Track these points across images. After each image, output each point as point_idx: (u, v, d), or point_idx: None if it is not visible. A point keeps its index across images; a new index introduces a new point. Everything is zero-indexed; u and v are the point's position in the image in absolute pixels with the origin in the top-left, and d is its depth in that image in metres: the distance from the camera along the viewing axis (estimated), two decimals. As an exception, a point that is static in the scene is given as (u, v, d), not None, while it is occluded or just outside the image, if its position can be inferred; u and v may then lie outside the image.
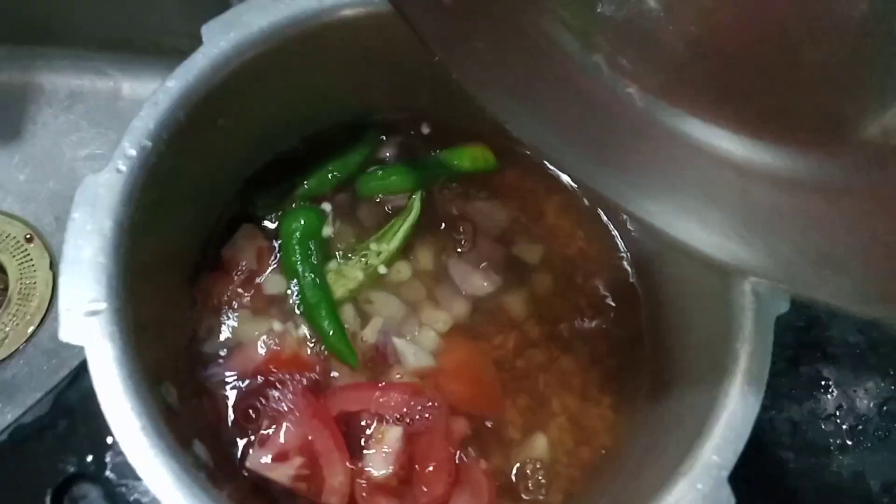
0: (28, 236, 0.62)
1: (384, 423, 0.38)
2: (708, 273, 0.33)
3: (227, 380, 0.38)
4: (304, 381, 0.38)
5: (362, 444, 0.38)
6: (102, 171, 0.29)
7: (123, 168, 0.29)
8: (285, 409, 0.37)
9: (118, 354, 0.27)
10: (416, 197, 0.44)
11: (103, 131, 0.67)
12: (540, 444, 0.40)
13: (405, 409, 0.39)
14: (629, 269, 0.45)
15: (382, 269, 0.42)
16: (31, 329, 0.59)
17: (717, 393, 0.30)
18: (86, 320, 0.27)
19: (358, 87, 0.41)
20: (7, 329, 0.59)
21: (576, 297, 0.45)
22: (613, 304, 0.44)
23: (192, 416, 0.35)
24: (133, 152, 0.29)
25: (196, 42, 0.67)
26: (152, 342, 0.31)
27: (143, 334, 0.30)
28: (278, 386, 0.38)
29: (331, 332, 0.40)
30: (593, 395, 0.43)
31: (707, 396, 0.30)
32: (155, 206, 0.31)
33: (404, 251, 0.43)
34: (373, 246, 0.43)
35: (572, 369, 0.43)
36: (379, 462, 0.37)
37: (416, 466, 0.38)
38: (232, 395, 0.38)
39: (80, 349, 0.27)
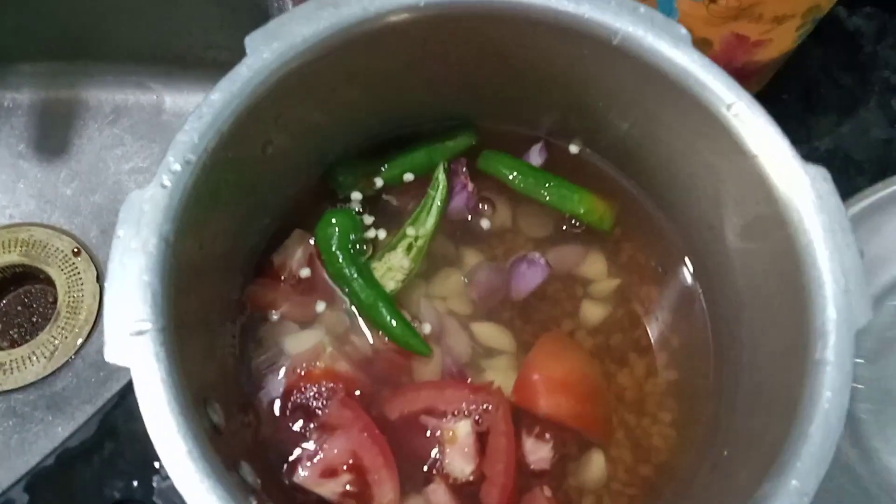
0: (75, 250, 0.63)
1: (450, 421, 0.37)
2: (783, 283, 0.31)
3: (274, 394, 0.37)
4: (357, 393, 0.37)
5: (435, 454, 0.37)
6: (147, 186, 0.28)
7: (168, 183, 0.28)
8: (333, 423, 0.36)
9: (164, 375, 0.26)
10: (440, 170, 0.43)
11: (147, 144, 0.68)
12: (597, 462, 0.39)
13: (468, 404, 0.37)
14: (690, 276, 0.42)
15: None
16: (79, 341, 0.60)
17: (795, 413, 0.28)
18: (131, 340, 0.26)
19: (404, 95, 0.40)
20: (56, 342, 0.60)
21: (632, 305, 0.43)
22: (672, 315, 0.42)
23: (237, 435, 0.34)
24: (178, 167, 0.29)
25: (238, 54, 0.67)
26: (198, 358, 0.31)
27: (189, 351, 0.29)
28: (326, 399, 0.37)
29: (395, 326, 0.39)
30: (652, 410, 0.41)
31: (783, 416, 0.28)
32: (201, 219, 0.30)
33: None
34: (409, 231, 0.42)
35: (629, 383, 0.41)
36: (461, 460, 0.36)
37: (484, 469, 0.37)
38: (278, 409, 0.37)
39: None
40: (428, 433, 0.37)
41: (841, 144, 0.55)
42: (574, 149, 0.45)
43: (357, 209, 0.43)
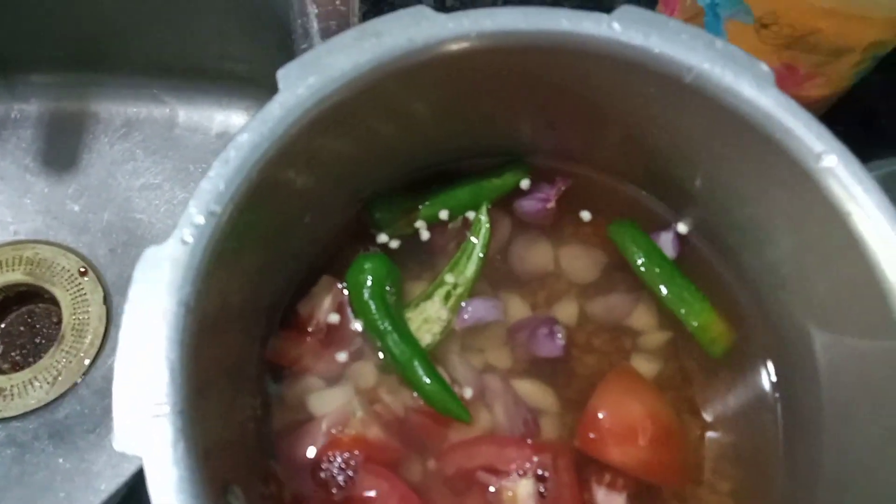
0: (82, 269, 0.60)
1: (510, 479, 0.34)
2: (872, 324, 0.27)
3: (299, 462, 0.33)
4: (389, 460, 0.34)
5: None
6: (165, 242, 0.25)
7: (190, 239, 0.25)
8: (365, 496, 0.32)
9: (183, 466, 0.23)
10: (483, 211, 0.39)
11: (159, 160, 0.65)
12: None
13: (532, 462, 0.34)
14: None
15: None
16: (85, 364, 0.57)
17: None
18: (145, 425, 0.23)
19: (449, 129, 0.36)
20: (60, 366, 0.57)
21: (683, 360, 0.39)
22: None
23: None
24: (201, 219, 0.25)
25: (255, 67, 0.64)
26: (216, 430, 0.27)
27: (207, 426, 0.25)
28: (356, 470, 0.33)
29: (432, 388, 0.35)
30: (706, 478, 0.37)
31: None
32: (223, 276, 0.27)
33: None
34: (448, 278, 0.38)
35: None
36: None
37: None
38: (304, 480, 0.33)
39: None
40: (486, 490, 0.34)
41: (904, 181, 0.52)
42: (682, 228, 0.41)
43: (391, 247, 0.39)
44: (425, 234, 0.40)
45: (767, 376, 0.38)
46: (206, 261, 0.25)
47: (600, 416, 0.35)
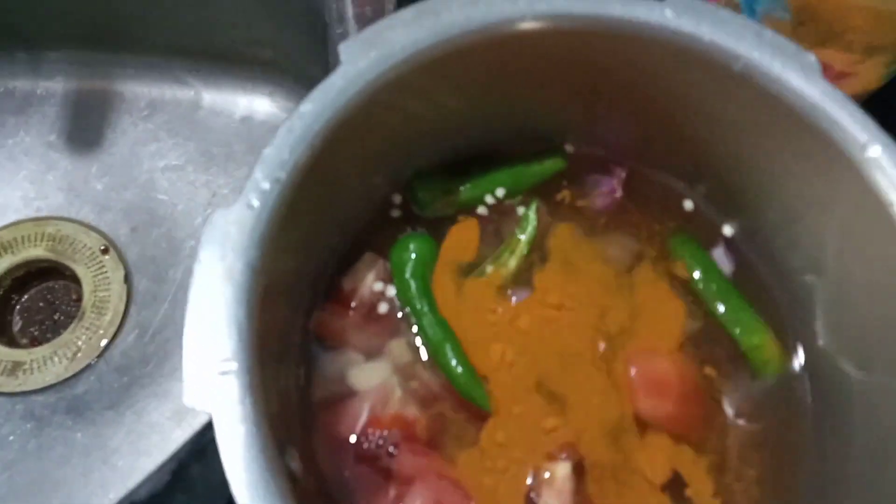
0: (103, 248, 0.60)
1: (549, 462, 0.34)
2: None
3: (341, 436, 0.34)
4: (426, 436, 0.34)
5: (530, 495, 0.34)
6: (232, 206, 0.25)
7: (256, 203, 0.25)
8: (407, 473, 0.33)
9: (250, 423, 0.23)
10: (532, 208, 0.40)
11: (182, 142, 0.65)
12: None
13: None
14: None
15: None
16: (103, 343, 0.58)
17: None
18: (214, 382, 0.23)
19: (497, 109, 0.37)
20: (80, 343, 0.58)
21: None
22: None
23: (314, 485, 0.31)
24: (266, 185, 0.26)
25: (280, 53, 0.64)
26: (272, 397, 0.28)
27: (268, 390, 0.26)
28: (395, 447, 0.34)
29: (460, 372, 0.35)
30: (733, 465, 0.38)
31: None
32: (283, 241, 0.27)
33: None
34: (489, 269, 0.39)
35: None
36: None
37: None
38: (350, 455, 0.33)
39: (158, 364, 0.23)
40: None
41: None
42: (728, 230, 0.41)
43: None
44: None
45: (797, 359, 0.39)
46: (270, 225, 0.26)
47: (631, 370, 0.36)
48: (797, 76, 0.30)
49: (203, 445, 0.31)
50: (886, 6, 0.37)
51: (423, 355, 0.37)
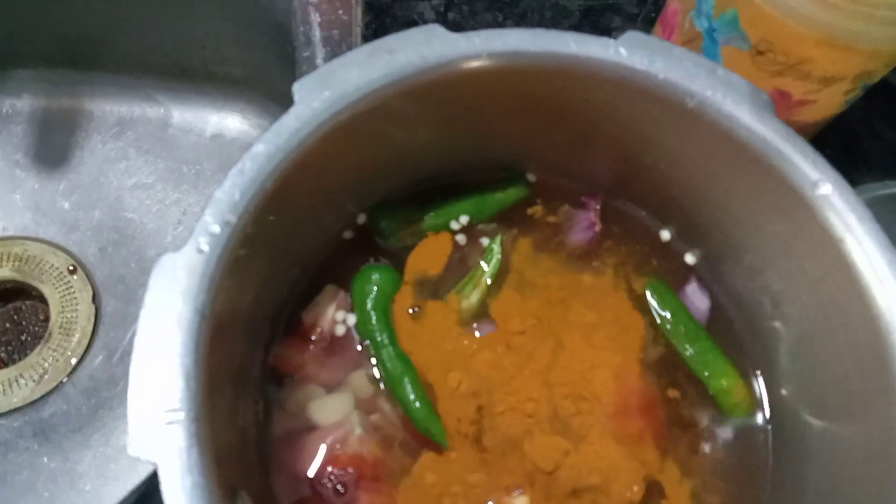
0: (71, 267, 0.60)
1: (507, 496, 0.34)
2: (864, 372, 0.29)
3: (298, 475, 0.34)
4: (383, 475, 0.34)
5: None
6: (181, 250, 0.25)
7: (206, 248, 0.25)
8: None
9: (197, 473, 0.23)
10: (496, 242, 0.40)
11: (151, 160, 0.65)
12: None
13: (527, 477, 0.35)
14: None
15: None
16: (72, 362, 0.57)
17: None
18: (160, 432, 0.23)
19: (456, 143, 0.37)
20: (47, 364, 0.57)
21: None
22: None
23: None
24: (217, 229, 0.26)
25: (251, 71, 0.64)
26: (225, 439, 0.27)
27: (217, 434, 0.26)
28: (352, 487, 0.33)
29: (418, 408, 0.35)
30: (697, 492, 0.38)
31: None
32: (236, 284, 0.27)
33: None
34: (449, 297, 0.39)
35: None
36: None
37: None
38: (308, 492, 0.33)
39: (126, 386, 0.23)
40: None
41: (885, 204, 0.53)
42: (691, 259, 0.42)
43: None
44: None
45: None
46: (220, 269, 0.26)
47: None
48: (749, 114, 0.31)
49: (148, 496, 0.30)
50: (839, 41, 0.38)
51: (383, 389, 0.37)
